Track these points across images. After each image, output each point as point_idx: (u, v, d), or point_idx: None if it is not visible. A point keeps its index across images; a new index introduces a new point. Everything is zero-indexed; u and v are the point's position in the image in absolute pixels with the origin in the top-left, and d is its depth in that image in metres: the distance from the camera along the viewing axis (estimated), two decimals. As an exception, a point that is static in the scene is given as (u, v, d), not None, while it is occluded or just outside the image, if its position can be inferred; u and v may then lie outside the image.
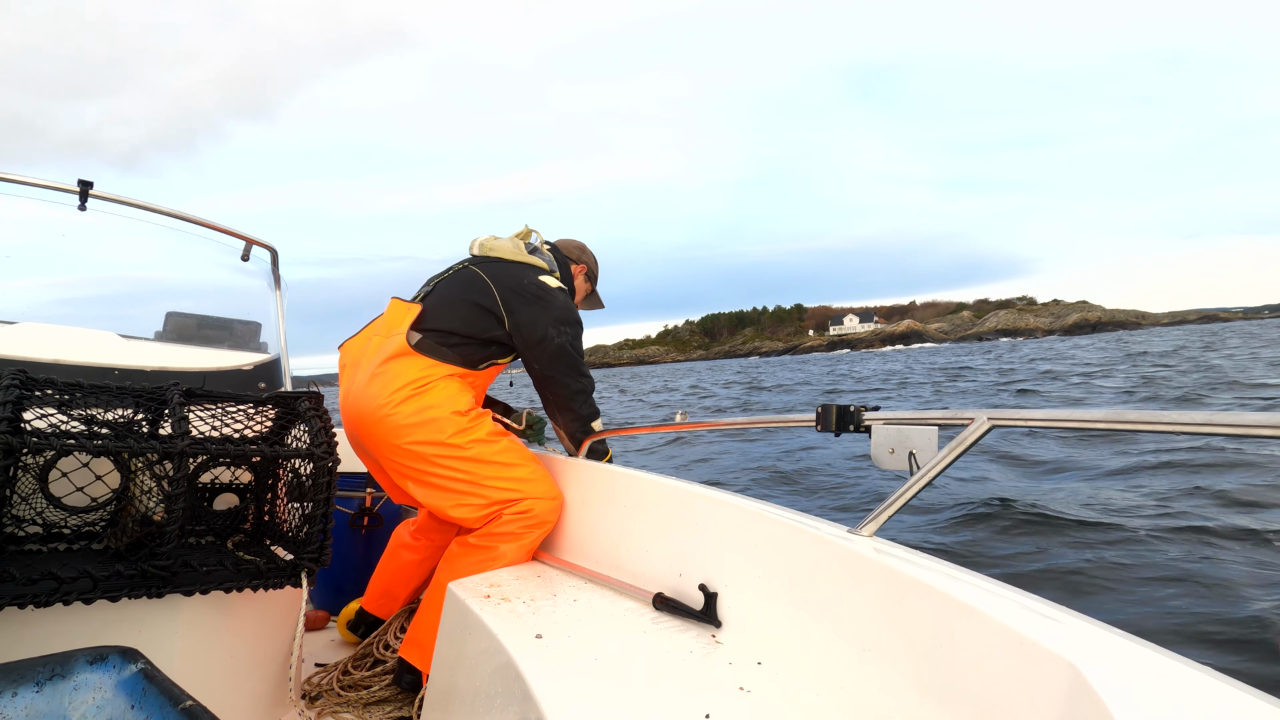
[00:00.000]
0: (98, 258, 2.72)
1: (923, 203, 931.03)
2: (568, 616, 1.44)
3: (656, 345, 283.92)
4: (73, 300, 2.64)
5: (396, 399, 1.86)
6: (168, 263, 2.82)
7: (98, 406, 1.41)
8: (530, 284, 2.07)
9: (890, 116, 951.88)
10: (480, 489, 1.88)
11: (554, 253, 2.33)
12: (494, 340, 2.03)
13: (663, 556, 1.58)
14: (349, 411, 1.97)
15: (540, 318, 2.03)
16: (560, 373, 2.06)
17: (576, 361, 2.09)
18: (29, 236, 2.50)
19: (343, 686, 1.92)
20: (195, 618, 1.45)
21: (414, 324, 1.98)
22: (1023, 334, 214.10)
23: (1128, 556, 4.25)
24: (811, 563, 1.22)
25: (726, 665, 1.22)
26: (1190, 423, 0.86)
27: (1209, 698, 0.71)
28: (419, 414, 1.86)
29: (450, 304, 2.03)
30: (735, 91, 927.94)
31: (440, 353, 1.95)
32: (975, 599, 0.92)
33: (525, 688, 1.10)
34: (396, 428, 1.85)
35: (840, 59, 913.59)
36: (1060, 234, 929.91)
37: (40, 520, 1.36)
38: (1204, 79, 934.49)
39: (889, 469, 1.25)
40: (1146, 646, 0.81)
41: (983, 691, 0.86)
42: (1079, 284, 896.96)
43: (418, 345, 1.94)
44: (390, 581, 2.25)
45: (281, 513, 1.59)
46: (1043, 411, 1.05)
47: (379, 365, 1.92)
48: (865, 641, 1.08)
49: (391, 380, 1.88)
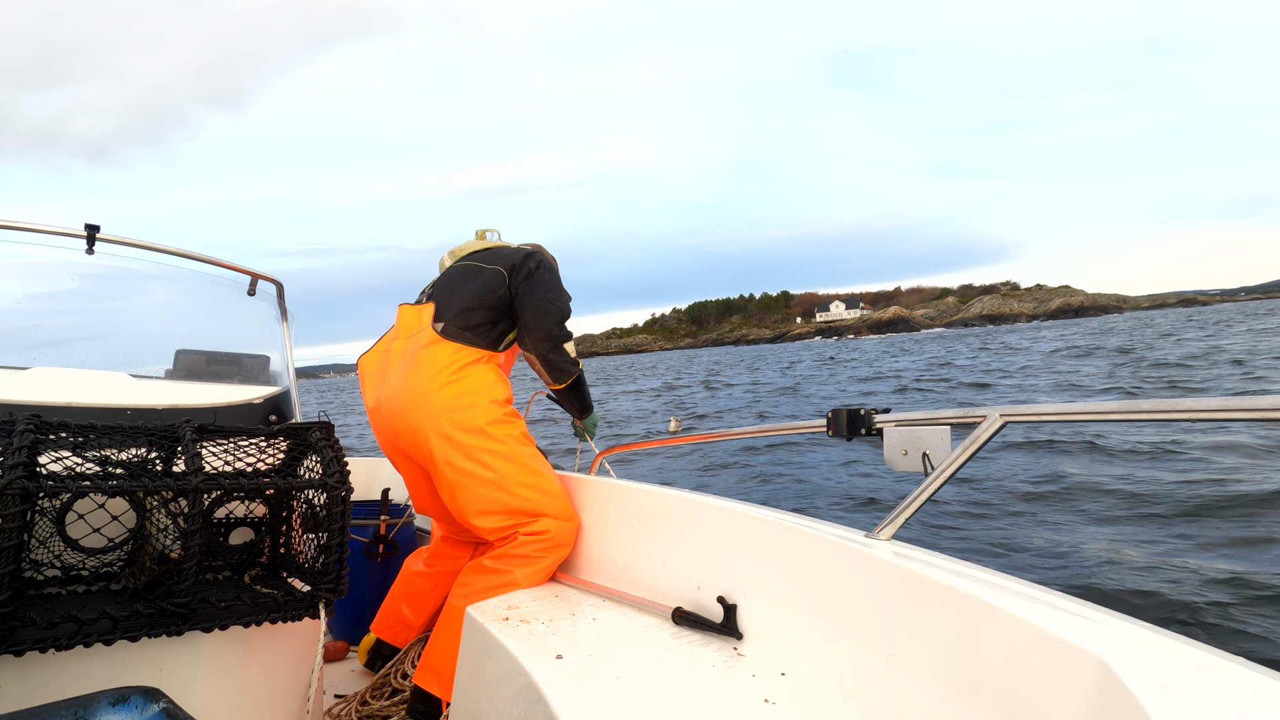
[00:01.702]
0: (107, 299, 2.75)
1: (907, 188, 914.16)
2: (588, 635, 1.43)
3: (644, 334, 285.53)
4: (83, 343, 2.66)
5: (436, 384, 1.91)
6: (176, 301, 2.85)
7: (111, 447, 1.42)
8: (506, 250, 2.24)
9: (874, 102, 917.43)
10: (504, 491, 1.88)
11: None
12: (504, 306, 2.10)
13: (680, 570, 1.57)
14: (386, 408, 1.99)
15: (525, 260, 2.15)
16: (538, 289, 2.11)
17: (553, 283, 2.15)
18: (38, 282, 2.54)
19: (361, 718, 1.91)
20: (215, 653, 1.44)
21: (433, 318, 2.05)
22: (1007, 319, 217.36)
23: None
24: (830, 569, 1.21)
25: (750, 678, 1.21)
26: (1206, 409, 0.85)
27: (1245, 689, 0.69)
28: (457, 399, 1.91)
29: (455, 291, 2.11)
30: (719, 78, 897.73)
31: (464, 337, 2.01)
32: (999, 599, 0.91)
33: (548, 709, 1.09)
34: (438, 411, 1.89)
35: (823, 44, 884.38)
36: (1042, 218, 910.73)
37: (59, 563, 1.37)
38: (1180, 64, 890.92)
39: (903, 471, 1.24)
40: (1178, 640, 0.80)
41: (1011, 692, 0.85)
42: (1061, 268, 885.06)
43: (443, 333, 2.01)
44: (403, 608, 2.25)
45: (297, 544, 1.60)
46: (1056, 406, 1.04)
47: (415, 355, 1.97)
48: (889, 647, 1.06)
49: (428, 366, 1.94)
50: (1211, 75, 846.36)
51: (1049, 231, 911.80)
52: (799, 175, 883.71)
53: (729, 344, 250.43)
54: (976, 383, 17.35)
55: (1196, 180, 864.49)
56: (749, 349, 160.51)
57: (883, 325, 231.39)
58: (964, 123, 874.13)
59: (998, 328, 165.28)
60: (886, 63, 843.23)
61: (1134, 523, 5.16)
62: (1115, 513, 5.43)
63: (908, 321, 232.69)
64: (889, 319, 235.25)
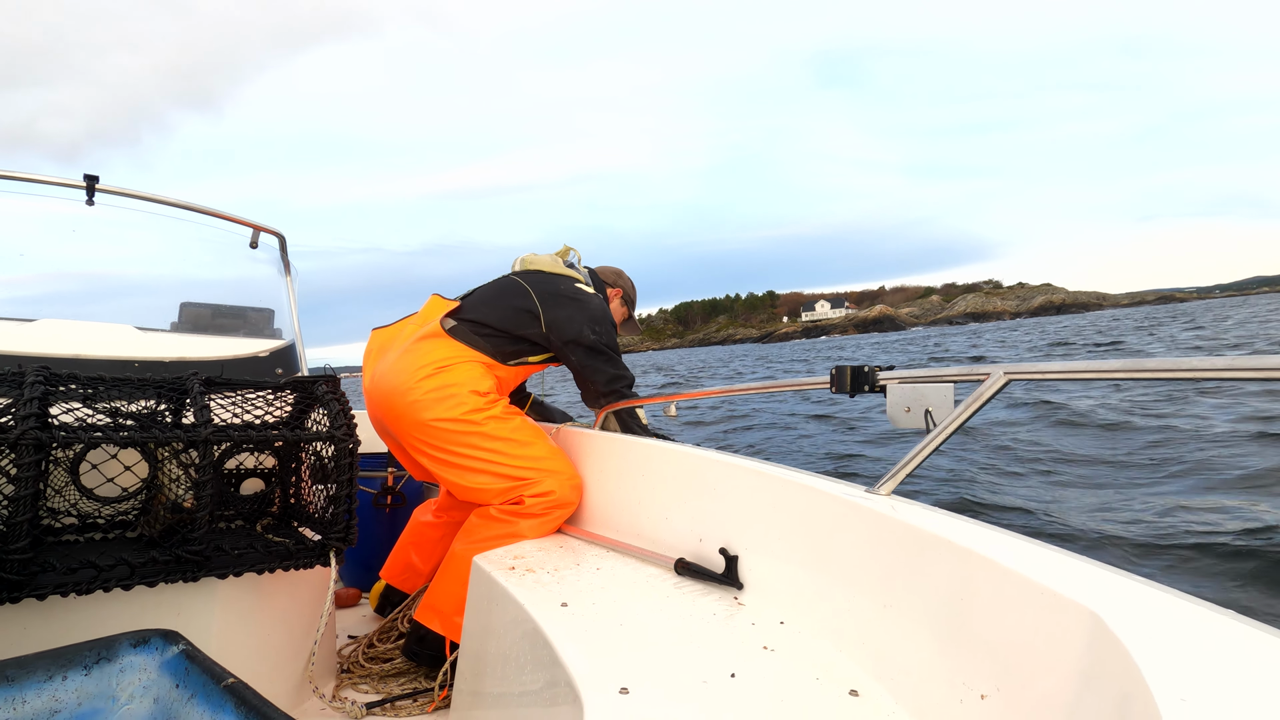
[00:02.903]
0: (109, 251, 2.74)
1: (890, 188, 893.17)
2: (591, 584, 1.47)
3: None
4: (88, 295, 2.66)
5: (419, 375, 1.90)
6: (178, 253, 2.83)
7: (121, 399, 1.43)
8: (566, 288, 2.14)
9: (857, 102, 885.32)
10: (497, 466, 1.91)
11: (592, 274, 2.41)
12: (526, 338, 2.07)
13: (683, 523, 1.59)
14: (373, 391, 2.01)
15: (575, 316, 2.09)
16: (599, 364, 2.10)
17: (613, 357, 2.13)
18: (40, 233, 2.52)
19: (367, 659, 1.99)
20: (230, 599, 1.49)
21: (450, 313, 2.05)
22: (991, 317, 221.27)
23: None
24: (830, 522, 1.23)
25: (749, 626, 1.24)
26: (1212, 369, 0.85)
27: (1233, 641, 0.71)
28: (438, 390, 1.90)
29: (489, 303, 2.09)
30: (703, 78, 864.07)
31: (472, 340, 2.00)
32: (994, 552, 0.93)
33: (553, 653, 1.13)
34: (415, 403, 1.89)
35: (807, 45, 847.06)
36: (1023, 217, 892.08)
37: (75, 511, 1.40)
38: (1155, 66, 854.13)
39: (905, 427, 1.25)
40: (1168, 592, 0.82)
41: (1004, 642, 0.87)
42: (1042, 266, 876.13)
43: (451, 330, 2.00)
44: (411, 556, 2.31)
45: (307, 495, 1.63)
46: (1060, 364, 1.04)
47: (410, 344, 1.97)
48: (885, 598, 1.09)
49: (418, 358, 1.93)
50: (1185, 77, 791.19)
51: (1030, 230, 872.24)
52: (783, 175, 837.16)
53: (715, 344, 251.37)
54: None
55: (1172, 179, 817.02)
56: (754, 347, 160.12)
57: (868, 324, 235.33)
58: (946, 123, 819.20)
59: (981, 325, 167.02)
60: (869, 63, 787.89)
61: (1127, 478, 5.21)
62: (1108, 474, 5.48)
63: (893, 320, 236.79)
64: (875, 317, 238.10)
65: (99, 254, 2.72)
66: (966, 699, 0.90)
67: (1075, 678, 0.76)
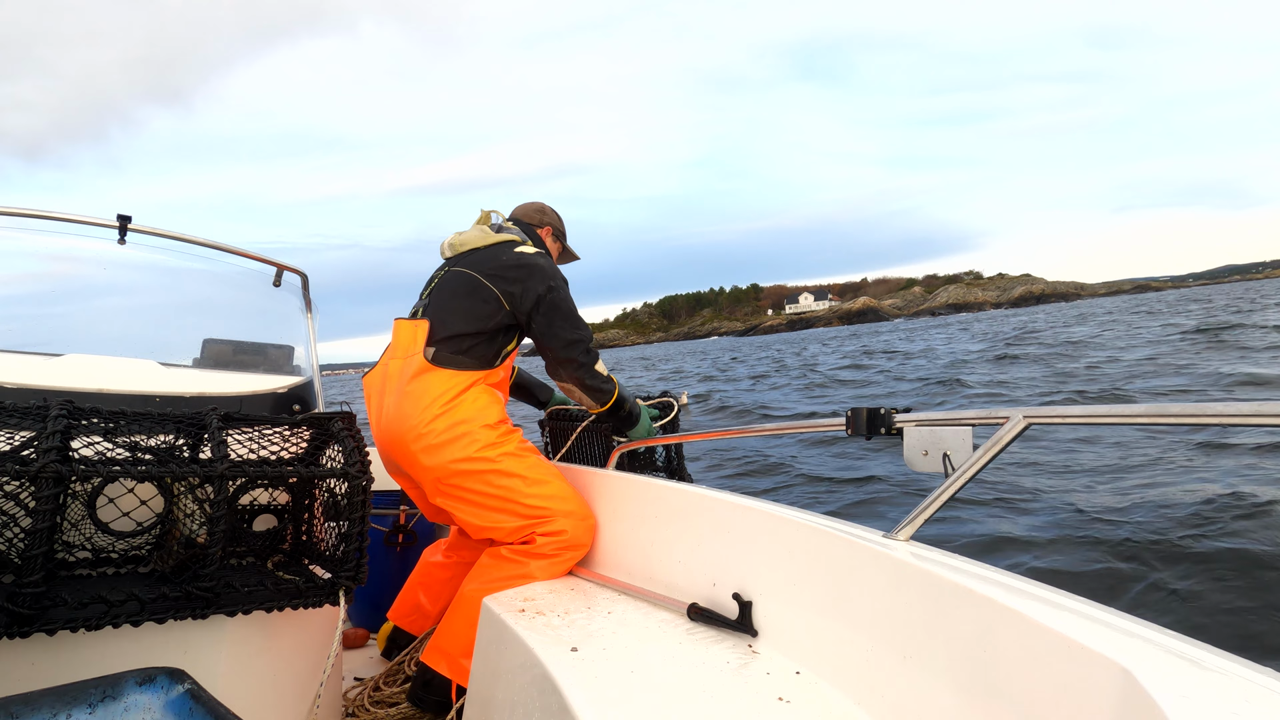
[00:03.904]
0: (137, 289, 2.81)
1: (870, 179, 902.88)
2: (602, 629, 1.44)
3: (616, 329, 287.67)
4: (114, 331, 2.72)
5: (427, 417, 1.89)
6: (203, 291, 2.90)
7: (140, 433, 1.45)
8: (509, 260, 2.10)
9: (836, 94, 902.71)
10: (511, 504, 1.89)
11: (518, 224, 2.34)
12: (498, 328, 2.05)
13: (696, 566, 1.57)
14: (383, 436, 2.00)
15: (529, 285, 2.05)
16: (556, 327, 2.06)
17: (570, 313, 2.09)
18: (71, 271, 2.60)
19: (373, 702, 1.95)
20: (238, 637, 1.47)
21: (426, 340, 2.01)
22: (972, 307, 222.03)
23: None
24: (847, 568, 1.20)
25: (764, 675, 1.21)
26: (1238, 414, 0.83)
27: (1272, 702, 0.68)
28: (451, 430, 1.89)
29: (449, 310, 2.05)
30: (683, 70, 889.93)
31: (458, 361, 1.98)
32: (1019, 602, 0.90)
33: (562, 701, 1.10)
34: (430, 447, 1.89)
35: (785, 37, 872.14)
36: (1001, 207, 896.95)
37: (89, 546, 1.41)
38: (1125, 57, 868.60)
39: (923, 471, 1.23)
40: (1202, 648, 0.79)
41: (1030, 697, 0.84)
42: (1020, 256, 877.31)
43: (435, 359, 1.98)
44: (420, 597, 2.28)
45: (319, 532, 1.62)
46: (1081, 408, 1.02)
47: (405, 386, 1.95)
48: (905, 649, 1.05)
49: (420, 399, 1.92)
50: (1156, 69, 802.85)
51: (1008, 220, 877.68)
52: (764, 168, 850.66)
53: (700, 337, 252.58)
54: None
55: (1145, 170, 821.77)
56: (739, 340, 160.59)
57: (853, 316, 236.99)
58: (924, 114, 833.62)
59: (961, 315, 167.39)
60: (848, 55, 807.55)
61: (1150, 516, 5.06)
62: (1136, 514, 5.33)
63: (877, 311, 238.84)
64: (859, 309, 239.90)
65: (128, 292, 2.79)
66: (992, 758, 0.86)
67: (1106, 737, 0.73)
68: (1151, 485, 5.54)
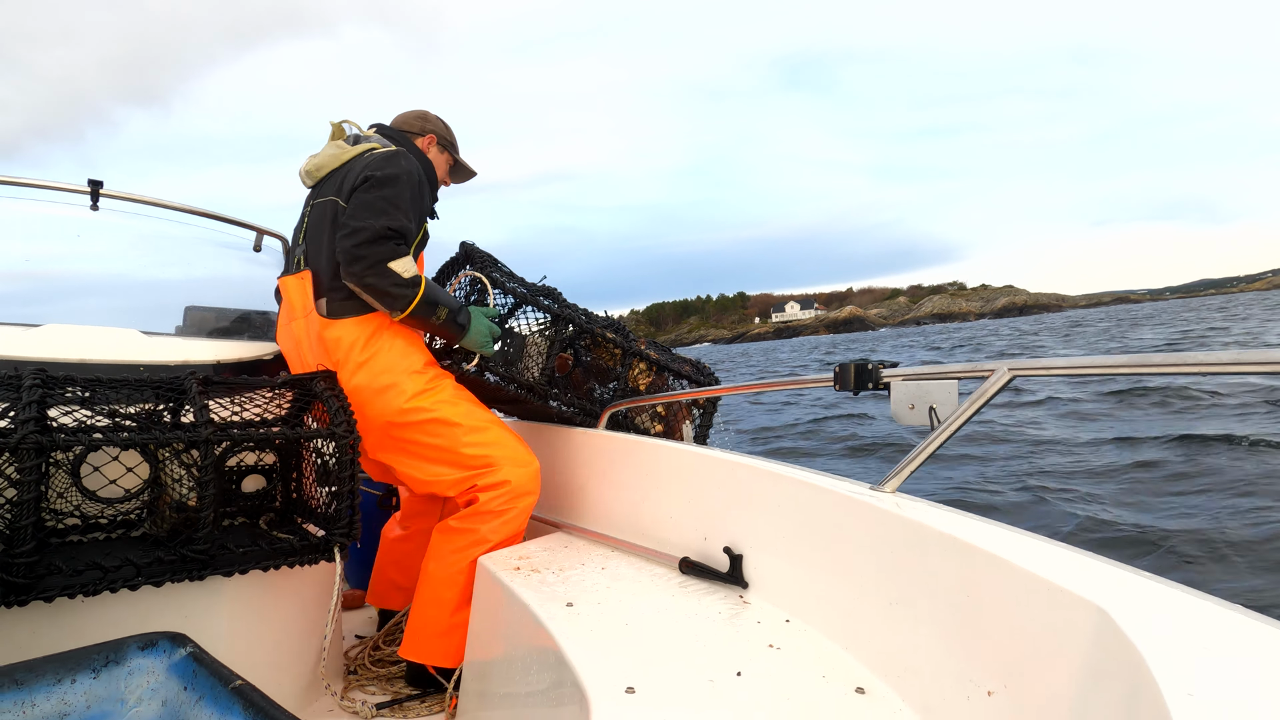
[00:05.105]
0: (114, 256, 2.75)
1: (856, 189, 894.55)
2: (596, 584, 1.47)
3: None
4: (93, 299, 2.67)
5: (346, 375, 1.78)
6: (182, 257, 2.84)
7: (119, 401, 1.44)
8: (366, 167, 1.84)
9: (823, 105, 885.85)
10: (451, 454, 1.82)
11: (386, 133, 2.08)
12: None
13: (687, 522, 1.59)
14: None
15: (356, 186, 1.83)
16: (354, 209, 1.77)
17: (376, 201, 1.77)
18: (45, 239, 2.53)
19: (373, 661, 1.99)
20: (237, 598, 1.49)
21: (315, 292, 1.86)
22: (956, 317, 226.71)
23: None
24: (835, 520, 1.23)
25: (755, 624, 1.24)
26: (1215, 363, 0.85)
27: (1240, 636, 0.71)
28: (374, 381, 1.79)
29: (326, 251, 1.85)
30: (671, 79, 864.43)
31: (355, 307, 1.82)
32: (999, 548, 0.93)
33: (559, 654, 1.13)
34: (358, 405, 1.75)
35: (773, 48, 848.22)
36: (984, 219, 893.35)
37: (78, 513, 1.41)
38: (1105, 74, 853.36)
39: (910, 425, 1.25)
40: (1174, 587, 0.81)
41: (1010, 639, 0.87)
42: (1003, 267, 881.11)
43: (329, 311, 1.82)
44: (391, 574, 2.21)
45: (309, 491, 1.63)
46: (1064, 360, 1.03)
47: (313, 347, 1.85)
48: (891, 595, 1.09)
49: (332, 357, 1.81)
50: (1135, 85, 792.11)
51: (991, 232, 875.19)
52: (752, 177, 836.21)
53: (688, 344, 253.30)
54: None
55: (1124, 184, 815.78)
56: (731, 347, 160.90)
57: (839, 324, 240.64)
58: (909, 126, 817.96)
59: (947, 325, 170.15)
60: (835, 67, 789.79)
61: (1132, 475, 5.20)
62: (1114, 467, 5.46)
63: (863, 320, 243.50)
64: (845, 318, 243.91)
65: (104, 259, 2.73)
66: (973, 696, 0.90)
67: (1083, 673, 0.76)
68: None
